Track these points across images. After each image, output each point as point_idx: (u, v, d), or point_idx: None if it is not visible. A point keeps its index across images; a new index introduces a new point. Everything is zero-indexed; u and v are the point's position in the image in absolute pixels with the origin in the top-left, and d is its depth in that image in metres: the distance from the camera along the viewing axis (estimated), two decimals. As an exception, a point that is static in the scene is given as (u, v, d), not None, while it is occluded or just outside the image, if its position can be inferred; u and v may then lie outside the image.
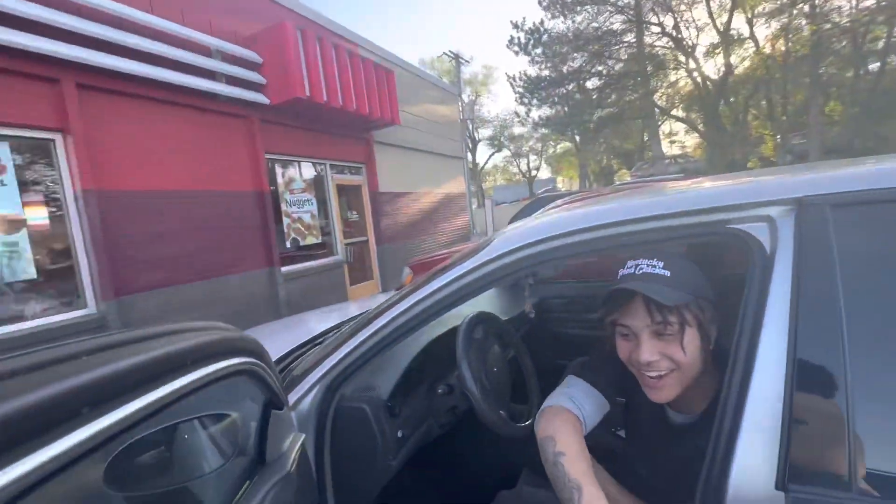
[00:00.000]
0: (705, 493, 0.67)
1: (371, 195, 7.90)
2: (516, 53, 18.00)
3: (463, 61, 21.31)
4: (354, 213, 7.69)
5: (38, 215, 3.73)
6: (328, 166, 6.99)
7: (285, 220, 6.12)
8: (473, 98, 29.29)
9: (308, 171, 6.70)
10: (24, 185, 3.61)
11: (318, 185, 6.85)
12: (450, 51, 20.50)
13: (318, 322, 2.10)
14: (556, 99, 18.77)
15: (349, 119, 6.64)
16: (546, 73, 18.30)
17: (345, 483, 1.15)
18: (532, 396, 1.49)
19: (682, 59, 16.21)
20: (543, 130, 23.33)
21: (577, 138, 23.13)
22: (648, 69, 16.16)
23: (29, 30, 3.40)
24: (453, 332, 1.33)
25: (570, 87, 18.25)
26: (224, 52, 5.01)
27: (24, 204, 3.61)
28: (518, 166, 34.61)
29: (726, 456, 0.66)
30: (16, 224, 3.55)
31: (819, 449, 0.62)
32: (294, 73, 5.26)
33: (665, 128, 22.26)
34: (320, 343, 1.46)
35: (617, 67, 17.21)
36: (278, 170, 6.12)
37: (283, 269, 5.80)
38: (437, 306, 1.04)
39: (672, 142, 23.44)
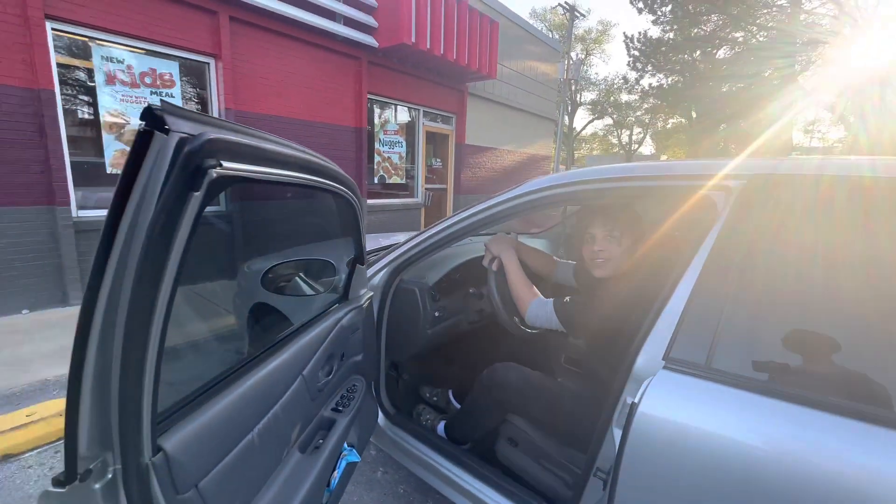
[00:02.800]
0: (628, 361, 1.00)
1: (457, 146, 8.22)
2: (640, 11, 16.33)
3: (578, 15, 19.85)
4: (438, 160, 8.12)
5: (192, 125, 4.66)
6: (421, 112, 7.39)
7: (376, 158, 6.74)
8: (582, 57, 27.32)
9: (402, 115, 7.18)
10: (184, 100, 4.51)
11: (409, 129, 7.32)
12: (566, 2, 19.10)
13: (387, 240, 2.61)
14: (676, 66, 16.93)
15: (447, 68, 6.89)
16: (670, 35, 16.47)
17: (394, 338, 1.63)
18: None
19: (847, 31, 13.54)
20: (654, 101, 21.30)
21: (694, 114, 20.79)
22: (797, 43, 13.78)
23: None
24: None
25: (696, 54, 16.30)
26: (346, -6, 5.47)
27: (184, 114, 4.53)
28: (619, 137, 32.20)
29: (644, 337, 0.98)
30: (177, 130, 4.50)
31: (691, 344, 0.91)
32: (403, 19, 5.60)
33: (810, 114, 19.00)
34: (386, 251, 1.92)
35: (761, 36, 14.88)
36: (376, 110, 6.67)
37: (369, 201, 6.49)
38: (475, 224, 1.42)
39: (807, 132, 20.09)
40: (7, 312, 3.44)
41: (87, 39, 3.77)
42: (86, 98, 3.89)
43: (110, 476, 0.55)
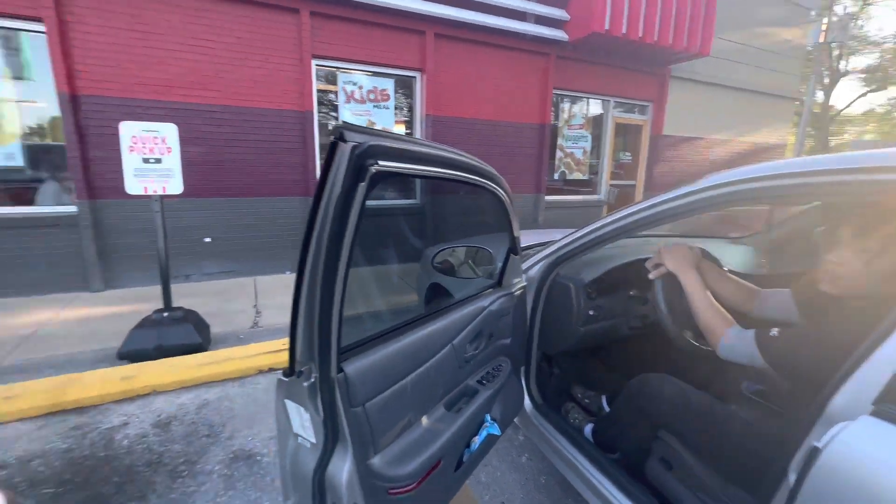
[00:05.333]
0: (822, 398, 0.81)
1: (652, 138, 7.39)
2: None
3: (851, -46, 14.83)
4: (628, 154, 7.46)
5: (400, 130, 5.55)
6: (611, 104, 6.92)
7: (558, 154, 6.67)
8: (854, 10, 20.39)
9: (589, 107, 6.86)
10: (396, 110, 5.41)
11: (596, 122, 6.96)
12: (831, -59, 14.52)
13: (556, 235, 2.61)
14: None
15: (646, 52, 6.25)
16: None
17: (546, 330, 1.67)
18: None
19: None
20: None
21: None
22: None
23: (415, -5, 4.85)
24: None
25: None
26: (538, -8, 5.55)
27: (395, 122, 5.44)
28: (912, 113, 22.87)
29: (848, 372, 0.78)
30: (390, 135, 5.43)
31: None
32: (597, 7, 5.34)
33: None
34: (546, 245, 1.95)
35: None
36: (562, 105, 6.57)
37: (547, 197, 6.49)
38: (638, 223, 1.33)
39: None
40: (278, 272, 4.86)
41: (335, 69, 4.93)
42: (332, 114, 5.10)
43: (313, 380, 0.79)
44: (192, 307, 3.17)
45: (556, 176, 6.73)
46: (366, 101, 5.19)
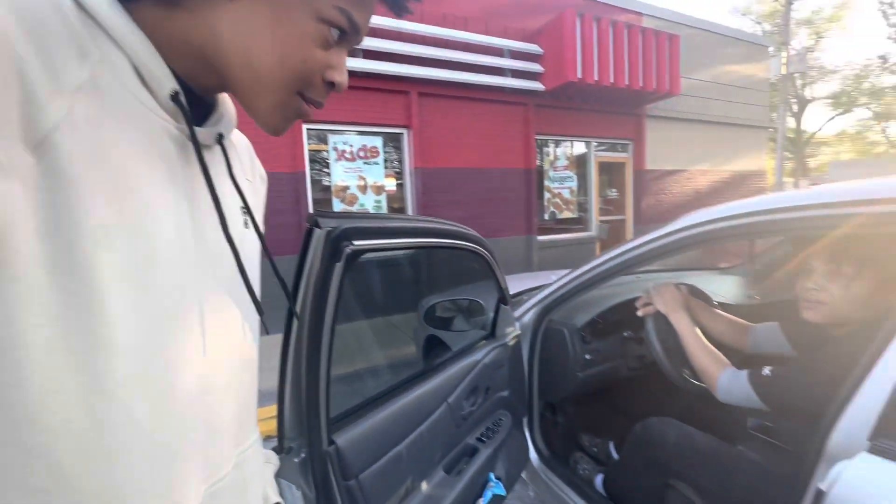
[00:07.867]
0: (819, 437, 0.80)
1: (635, 173, 7.63)
2: (901, -35, 12.26)
3: (797, -4, 16.09)
4: (614, 190, 7.66)
5: (391, 184, 5.72)
6: (593, 144, 7.20)
7: (546, 195, 6.84)
8: (809, 44, 21.81)
9: (572, 149, 7.14)
10: (386, 164, 5.61)
11: (580, 162, 7.21)
12: (778, -15, 15.82)
13: (551, 277, 2.63)
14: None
15: (620, 95, 6.60)
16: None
17: (545, 378, 1.65)
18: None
19: None
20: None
21: None
22: None
23: (388, 59, 5.20)
24: None
25: None
26: (512, 49, 5.95)
27: (385, 176, 5.61)
28: (885, 133, 23.81)
29: (841, 407, 0.77)
30: (380, 189, 5.59)
31: None
32: (568, 59, 5.71)
33: None
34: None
35: None
36: (546, 148, 6.83)
37: (540, 237, 6.58)
38: (624, 264, 1.36)
39: None
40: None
41: (325, 130, 5.16)
42: (325, 171, 5.27)
43: (304, 455, 0.78)
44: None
45: (545, 216, 6.87)
46: (356, 158, 5.38)
